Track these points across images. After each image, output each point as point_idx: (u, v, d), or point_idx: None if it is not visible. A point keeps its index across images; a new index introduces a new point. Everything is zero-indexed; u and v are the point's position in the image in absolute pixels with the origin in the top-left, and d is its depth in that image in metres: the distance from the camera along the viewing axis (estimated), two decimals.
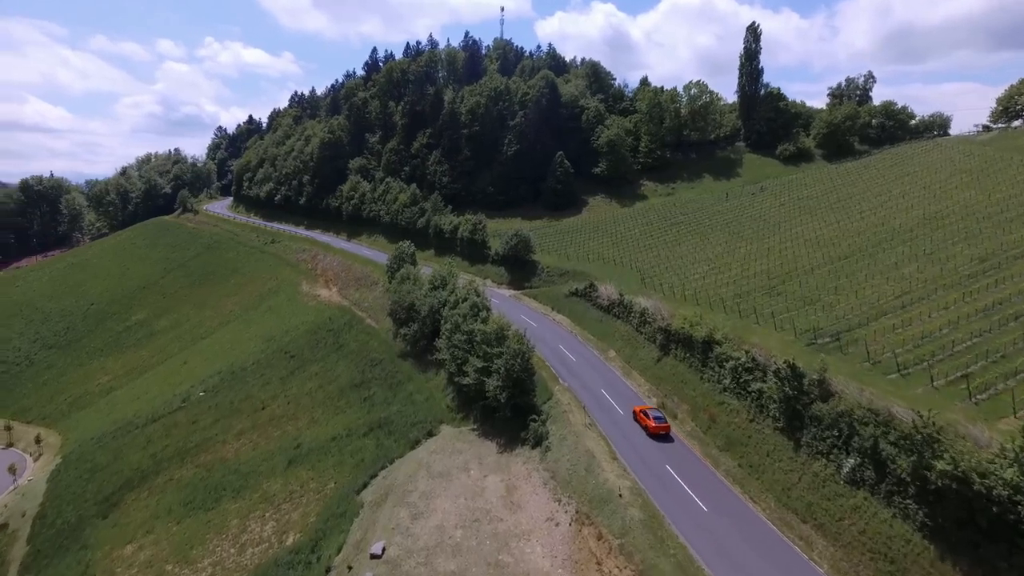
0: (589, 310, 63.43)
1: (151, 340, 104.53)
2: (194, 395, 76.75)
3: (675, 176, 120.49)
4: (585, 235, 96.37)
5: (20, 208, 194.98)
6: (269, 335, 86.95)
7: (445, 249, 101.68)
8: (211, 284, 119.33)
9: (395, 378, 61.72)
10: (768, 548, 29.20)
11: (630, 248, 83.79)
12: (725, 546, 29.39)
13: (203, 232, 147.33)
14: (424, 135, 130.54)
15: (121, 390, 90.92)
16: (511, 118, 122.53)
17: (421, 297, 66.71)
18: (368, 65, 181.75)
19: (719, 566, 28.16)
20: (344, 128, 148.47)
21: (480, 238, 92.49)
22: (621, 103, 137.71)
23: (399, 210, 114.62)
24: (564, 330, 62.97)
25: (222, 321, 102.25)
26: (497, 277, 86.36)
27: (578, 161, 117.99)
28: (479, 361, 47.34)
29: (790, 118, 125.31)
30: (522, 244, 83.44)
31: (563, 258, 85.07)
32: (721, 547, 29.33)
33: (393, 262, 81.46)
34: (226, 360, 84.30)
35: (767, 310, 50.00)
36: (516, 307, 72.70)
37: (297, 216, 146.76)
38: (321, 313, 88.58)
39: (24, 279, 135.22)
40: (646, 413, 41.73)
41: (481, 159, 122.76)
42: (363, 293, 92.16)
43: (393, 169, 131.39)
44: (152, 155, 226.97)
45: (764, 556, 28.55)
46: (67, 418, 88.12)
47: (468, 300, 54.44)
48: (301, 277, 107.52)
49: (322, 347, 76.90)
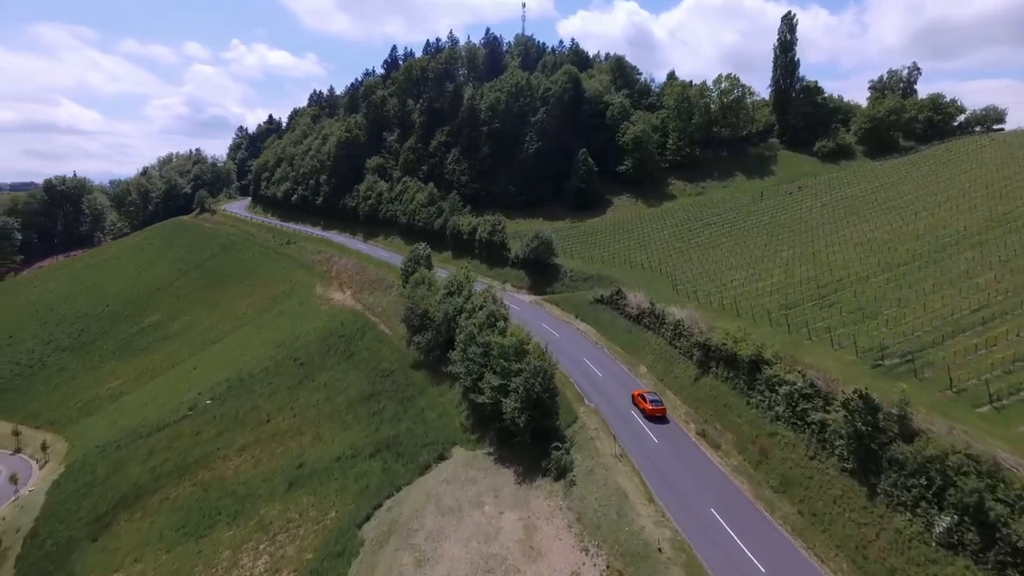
0: (617, 319, 58.26)
1: (163, 343, 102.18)
2: (201, 403, 73.70)
3: (705, 174, 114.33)
4: (610, 237, 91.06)
5: (44, 208, 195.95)
6: (280, 340, 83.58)
7: (463, 251, 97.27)
8: (225, 286, 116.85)
9: (406, 391, 57.39)
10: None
11: (659, 251, 78.30)
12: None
13: (220, 233, 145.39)
14: (442, 133, 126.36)
15: (130, 395, 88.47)
16: (532, 114, 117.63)
17: (435, 304, 62.31)
18: (387, 63, 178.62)
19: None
20: (361, 127, 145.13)
21: (499, 240, 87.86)
22: (647, 99, 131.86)
23: (416, 210, 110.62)
24: (589, 341, 57.92)
25: (234, 324, 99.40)
26: (517, 281, 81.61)
27: (602, 159, 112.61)
28: (496, 378, 42.64)
29: (828, 113, 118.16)
30: (543, 246, 78.55)
31: (587, 262, 79.96)
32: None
33: (407, 265, 77.29)
34: (235, 366, 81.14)
35: (819, 323, 44.27)
36: (537, 314, 67.86)
37: (314, 216, 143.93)
38: (334, 318, 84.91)
39: (42, 280, 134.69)
40: (643, 396, 43.49)
41: (501, 157, 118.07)
42: (377, 297, 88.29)
43: (411, 168, 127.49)
44: (173, 155, 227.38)
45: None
46: (75, 424, 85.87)
47: (484, 308, 49.73)
48: (315, 279, 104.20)
49: (333, 355, 73.08)
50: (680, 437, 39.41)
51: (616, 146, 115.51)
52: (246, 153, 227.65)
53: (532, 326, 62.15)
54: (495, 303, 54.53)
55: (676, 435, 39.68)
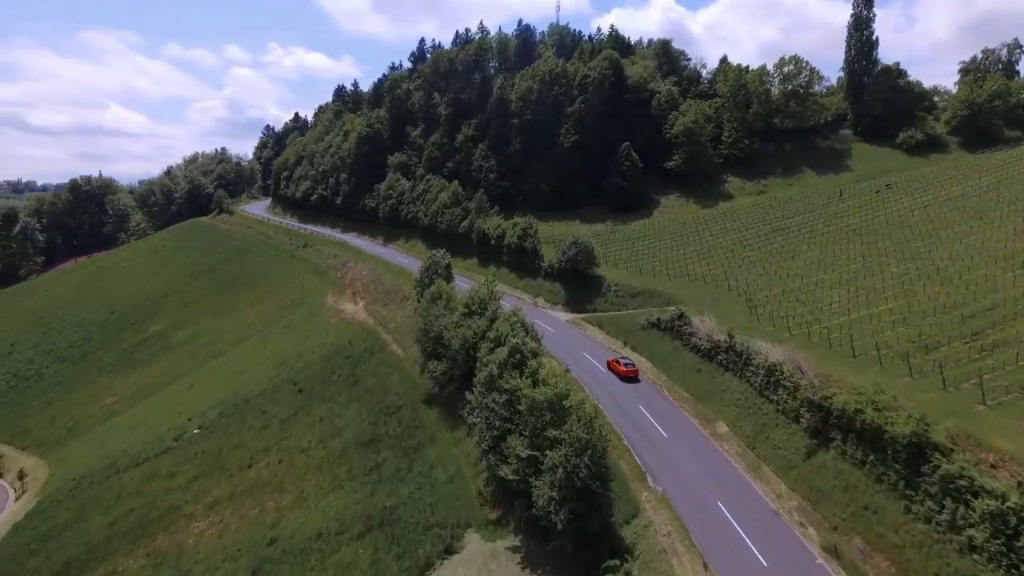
0: (680, 352, 45.85)
1: (164, 355, 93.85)
2: (189, 431, 64.38)
3: (766, 171, 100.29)
4: (659, 243, 78.40)
5: (69, 209, 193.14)
6: (282, 358, 73.80)
7: (489, 258, 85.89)
8: (235, 292, 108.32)
9: (414, 436, 46.19)
10: None
11: (723, 261, 65.37)
12: None
13: (235, 234, 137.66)
14: (469, 126, 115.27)
15: (123, 415, 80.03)
16: (568, 104, 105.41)
17: (451, 326, 50.99)
18: (414, 56, 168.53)
19: None
20: (384, 121, 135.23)
21: (530, 246, 76.11)
22: (697, 86, 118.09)
23: (439, 211, 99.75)
24: (645, 380, 45.67)
25: (239, 336, 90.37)
26: (551, 295, 69.71)
27: (647, 154, 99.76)
28: (524, 445, 31.02)
29: (912, 99, 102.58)
30: (583, 254, 66.44)
31: (634, 272, 67.58)
32: None
33: (423, 275, 66.15)
34: (232, 387, 71.72)
35: (1000, 382, 30.65)
36: (576, 339, 55.94)
37: (333, 217, 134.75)
38: (342, 334, 74.65)
39: (53, 283, 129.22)
40: (618, 361, 46.91)
41: (533, 152, 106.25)
42: (391, 310, 77.66)
43: (435, 165, 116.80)
44: (199, 155, 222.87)
45: None
46: (61, 447, 77.76)
47: (508, 343, 37.91)
48: (328, 287, 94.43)
49: (335, 380, 62.63)
50: (793, 547, 26.94)
51: (663, 139, 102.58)
52: (272, 152, 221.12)
53: (570, 355, 50.32)
54: (524, 330, 42.82)
55: (786, 542, 27.23)
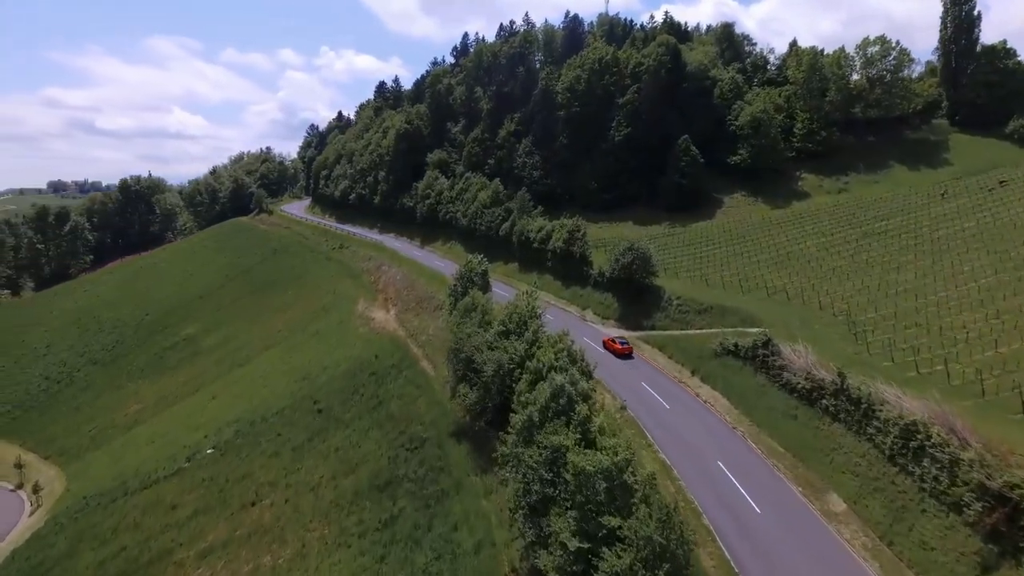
0: (767, 390, 36.72)
1: (192, 361, 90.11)
2: (203, 451, 59.30)
3: (847, 166, 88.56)
4: (726, 248, 68.71)
5: (119, 208, 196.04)
6: (305, 371, 68.10)
7: (532, 263, 77.95)
8: (268, 295, 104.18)
9: (438, 481, 38.71)
10: None
11: (806, 271, 55.39)
12: None
13: (273, 235, 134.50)
14: (512, 120, 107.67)
15: (144, 425, 76.25)
16: (620, 95, 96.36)
17: (484, 348, 43.33)
18: (457, 51, 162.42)
19: None
20: (424, 117, 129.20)
21: (578, 251, 67.69)
22: (764, 73, 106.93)
23: (478, 211, 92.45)
24: (722, 424, 36.83)
25: (266, 343, 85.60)
26: (602, 308, 61.12)
27: (708, 148, 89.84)
28: (570, 530, 22.95)
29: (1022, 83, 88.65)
30: (639, 262, 57.51)
31: (699, 284, 58.33)
32: None
33: (457, 284, 58.77)
34: (252, 402, 66.55)
35: None
36: (632, 363, 47.33)
37: (371, 217, 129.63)
38: (369, 346, 68.31)
39: (94, 283, 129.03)
40: (614, 340, 50.13)
41: (581, 147, 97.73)
42: (423, 320, 70.85)
43: (475, 162, 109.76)
44: (244, 154, 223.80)
45: None
46: (81, 458, 74.50)
47: (551, 380, 29.73)
48: (360, 293, 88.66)
49: (357, 401, 56.10)
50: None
51: (726, 132, 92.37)
52: (315, 151, 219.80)
53: (626, 387, 41.85)
54: (572, 360, 34.67)
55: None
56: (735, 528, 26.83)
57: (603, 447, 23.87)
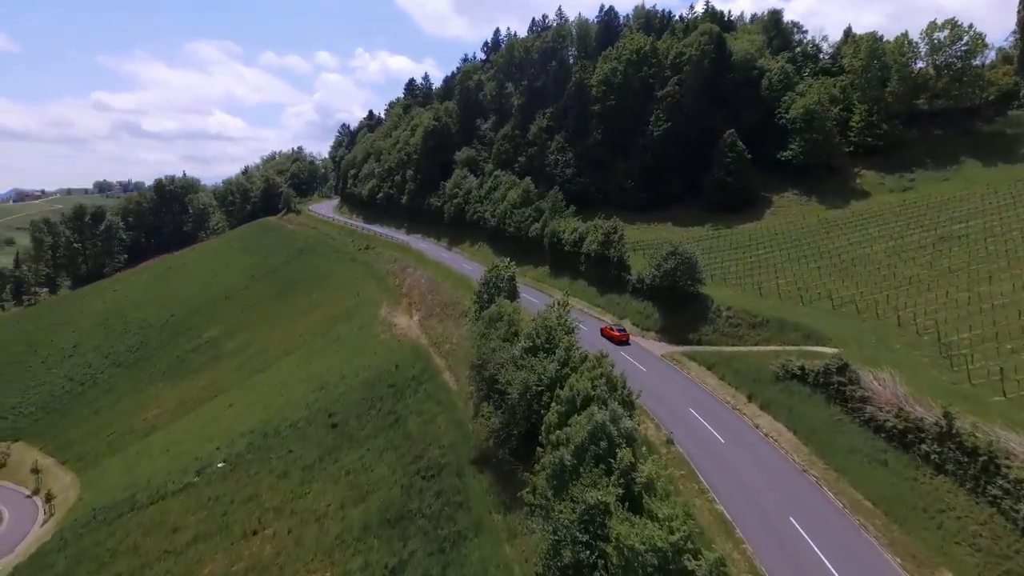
0: (844, 426, 30.86)
1: (213, 365, 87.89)
2: (214, 464, 56.23)
3: (912, 161, 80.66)
4: (779, 252, 62.34)
5: (154, 208, 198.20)
6: (323, 381, 64.52)
7: (564, 267, 72.82)
8: (292, 297, 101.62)
9: (454, 520, 34.01)
10: None
11: (876, 281, 48.85)
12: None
13: (299, 235, 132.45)
14: (544, 116, 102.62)
15: (160, 432, 74.03)
16: (659, 87, 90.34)
17: (509, 365, 38.49)
18: (487, 47, 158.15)
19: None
20: (452, 114, 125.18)
21: (615, 254, 62.18)
22: (816, 63, 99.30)
23: (507, 211, 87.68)
24: (787, 463, 31.12)
25: (287, 348, 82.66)
26: (641, 318, 55.52)
27: (755, 143, 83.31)
28: None
29: None
30: (684, 268, 51.76)
31: (752, 293, 52.30)
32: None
33: (481, 291, 54.15)
34: (267, 412, 63.32)
35: None
36: (677, 384, 41.83)
37: (399, 218, 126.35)
38: (390, 354, 64.27)
39: (124, 283, 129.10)
40: (612, 327, 52.84)
41: (617, 144, 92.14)
42: (447, 328, 66.49)
43: (505, 160, 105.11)
44: (276, 153, 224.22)
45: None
46: (97, 465, 72.71)
47: (590, 417, 24.65)
48: (383, 296, 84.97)
49: (373, 416, 51.98)
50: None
51: (775, 125, 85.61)
52: (346, 151, 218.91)
53: (671, 412, 36.45)
54: (611, 386, 29.54)
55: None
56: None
57: (655, 515, 18.72)
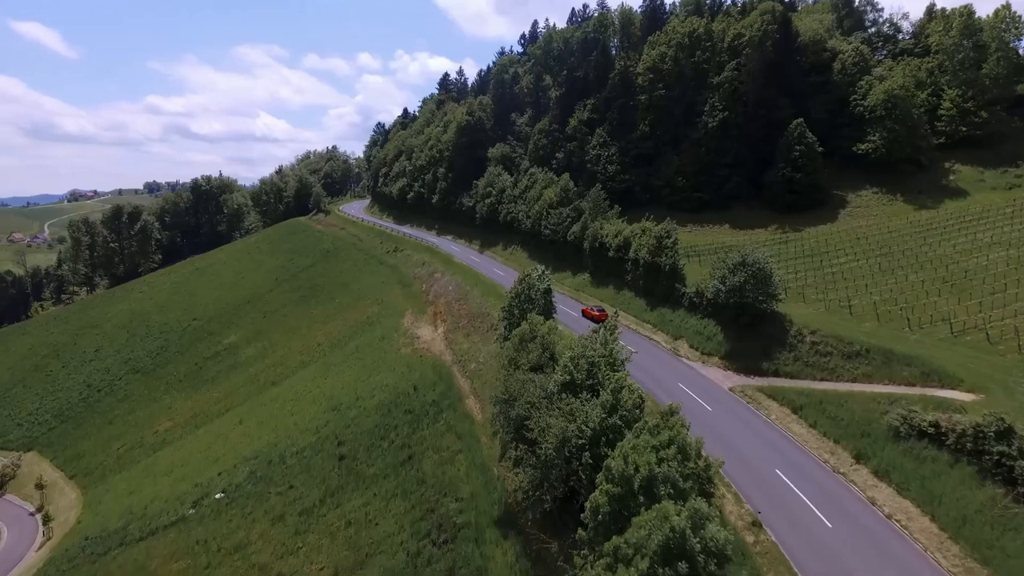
0: (1017, 517, 21.73)
1: (229, 375, 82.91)
2: (212, 492, 50.38)
3: (1017, 154, 69.14)
4: (866, 262, 52.45)
5: (190, 207, 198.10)
6: (336, 401, 58.02)
7: (607, 275, 64.38)
8: (315, 302, 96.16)
9: None
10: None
11: (1004, 299, 38.84)
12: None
13: (327, 236, 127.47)
14: (584, 108, 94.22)
15: (168, 449, 69.10)
16: (715, 73, 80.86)
17: (543, 409, 30.63)
18: (525, 40, 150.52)
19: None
20: (487, 108, 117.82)
21: (668, 263, 53.38)
22: (894, 44, 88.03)
23: (543, 212, 79.75)
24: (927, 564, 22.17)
25: (304, 359, 76.92)
26: (700, 340, 46.66)
27: (827, 134, 73.64)
28: None
29: None
30: (755, 281, 42.73)
31: (839, 312, 42.96)
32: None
33: (511, 306, 46.35)
34: (275, 433, 57.25)
35: None
36: (755, 431, 33.10)
37: (429, 218, 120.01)
38: (410, 372, 57.30)
39: (150, 285, 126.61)
40: (591, 308, 56.05)
41: (666, 137, 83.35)
42: (474, 343, 59.16)
43: (542, 156, 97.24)
44: (311, 153, 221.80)
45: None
46: (102, 482, 68.21)
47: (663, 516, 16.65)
48: (408, 304, 78.32)
49: (385, 449, 45.01)
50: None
51: (850, 114, 75.49)
52: (380, 150, 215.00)
53: (753, 473, 27.86)
54: (684, 456, 21.31)
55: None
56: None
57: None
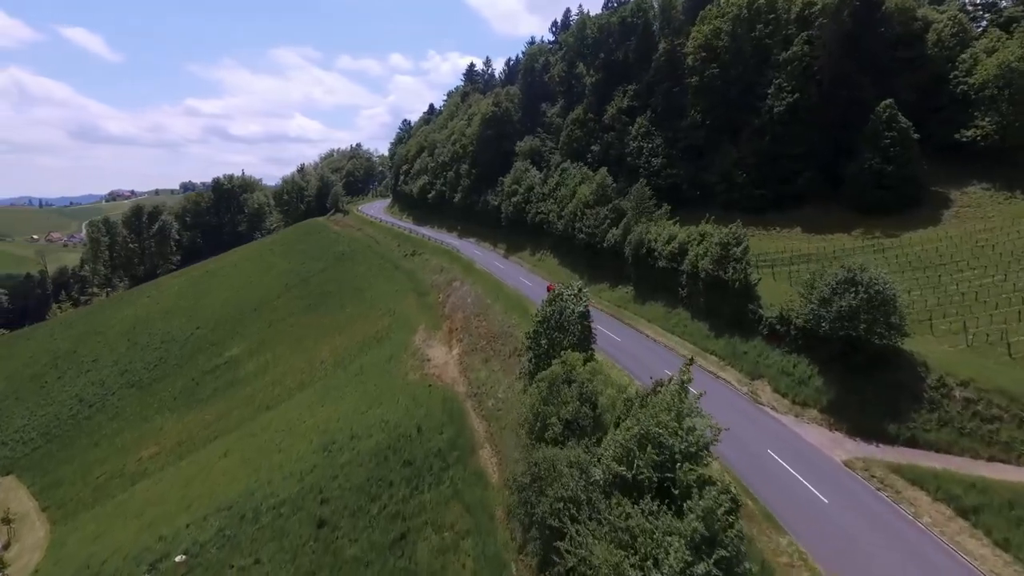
0: None
1: (225, 394, 74.68)
2: (173, 553, 41.21)
3: None
4: (1002, 277, 40.07)
5: (212, 207, 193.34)
6: (329, 437, 48.53)
7: (657, 289, 53.15)
8: (323, 310, 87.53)
9: None
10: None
11: None
12: None
13: (343, 237, 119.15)
14: (623, 95, 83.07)
15: (147, 481, 60.87)
16: (781, 48, 68.78)
17: (586, 510, 19.95)
18: (556, 27, 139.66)
19: None
20: (514, 98, 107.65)
21: (737, 277, 41.88)
22: (998, 13, 74.28)
23: (577, 212, 69.00)
24: None
25: (303, 380, 68.09)
26: (790, 384, 35.06)
27: (921, 119, 60.89)
28: None
29: None
30: (873, 308, 31.11)
31: (990, 354, 31.06)
32: None
33: (539, 332, 35.72)
34: (257, 476, 48.09)
35: None
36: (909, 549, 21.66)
37: (450, 219, 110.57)
38: (415, 407, 47.31)
39: (159, 289, 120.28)
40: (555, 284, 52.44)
41: (720, 125, 71.77)
42: (493, 371, 48.91)
43: (576, 149, 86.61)
44: (334, 151, 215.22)
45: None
46: (73, 519, 60.37)
47: None
48: (422, 317, 68.68)
49: (374, 517, 35.11)
50: None
51: (951, 95, 62.57)
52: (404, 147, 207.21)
53: None
54: None
55: None
56: None
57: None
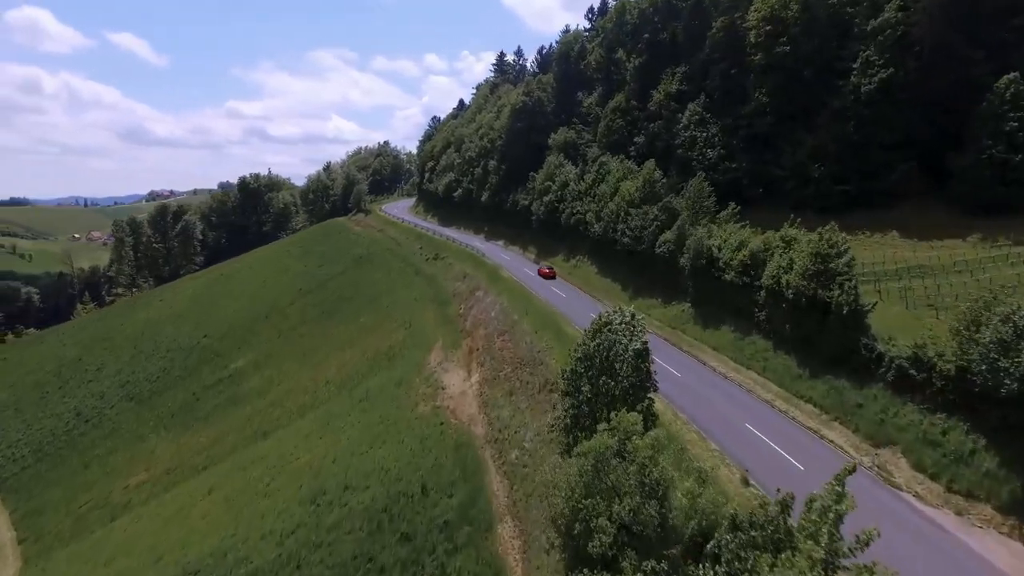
0: None
1: (223, 414, 67.52)
2: None
3: None
4: None
5: (238, 207, 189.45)
6: (319, 485, 40.57)
7: (723, 307, 42.96)
8: (336, 319, 79.93)
9: None
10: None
11: None
12: None
13: (363, 239, 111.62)
14: (672, 77, 72.54)
15: (127, 516, 53.81)
16: (865, 17, 57.32)
17: None
18: (593, 14, 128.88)
19: None
20: (547, 88, 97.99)
21: (844, 300, 31.43)
22: None
23: (618, 212, 59.09)
24: None
25: (305, 403, 60.32)
26: (936, 460, 24.56)
27: None
28: None
29: None
30: None
31: None
32: None
33: (577, 372, 26.15)
34: (235, 527, 40.34)
35: None
36: None
37: (477, 219, 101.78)
38: (422, 453, 38.76)
39: (171, 292, 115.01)
40: (545, 267, 67.54)
41: (791, 110, 60.37)
42: (518, 410, 39.74)
43: (616, 141, 76.49)
44: (362, 149, 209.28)
45: None
46: (46, 556, 53.63)
47: None
48: (440, 332, 60.02)
49: None
50: None
51: None
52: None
53: None
54: None
55: None
56: None
57: None
